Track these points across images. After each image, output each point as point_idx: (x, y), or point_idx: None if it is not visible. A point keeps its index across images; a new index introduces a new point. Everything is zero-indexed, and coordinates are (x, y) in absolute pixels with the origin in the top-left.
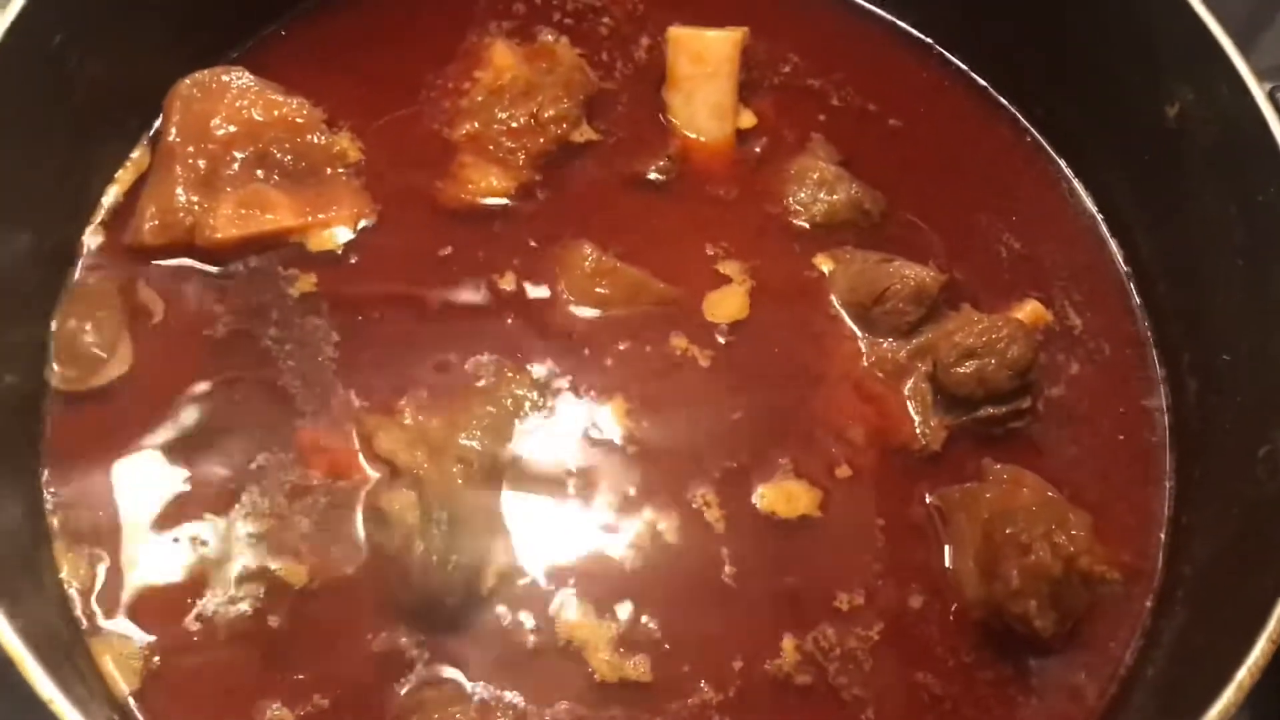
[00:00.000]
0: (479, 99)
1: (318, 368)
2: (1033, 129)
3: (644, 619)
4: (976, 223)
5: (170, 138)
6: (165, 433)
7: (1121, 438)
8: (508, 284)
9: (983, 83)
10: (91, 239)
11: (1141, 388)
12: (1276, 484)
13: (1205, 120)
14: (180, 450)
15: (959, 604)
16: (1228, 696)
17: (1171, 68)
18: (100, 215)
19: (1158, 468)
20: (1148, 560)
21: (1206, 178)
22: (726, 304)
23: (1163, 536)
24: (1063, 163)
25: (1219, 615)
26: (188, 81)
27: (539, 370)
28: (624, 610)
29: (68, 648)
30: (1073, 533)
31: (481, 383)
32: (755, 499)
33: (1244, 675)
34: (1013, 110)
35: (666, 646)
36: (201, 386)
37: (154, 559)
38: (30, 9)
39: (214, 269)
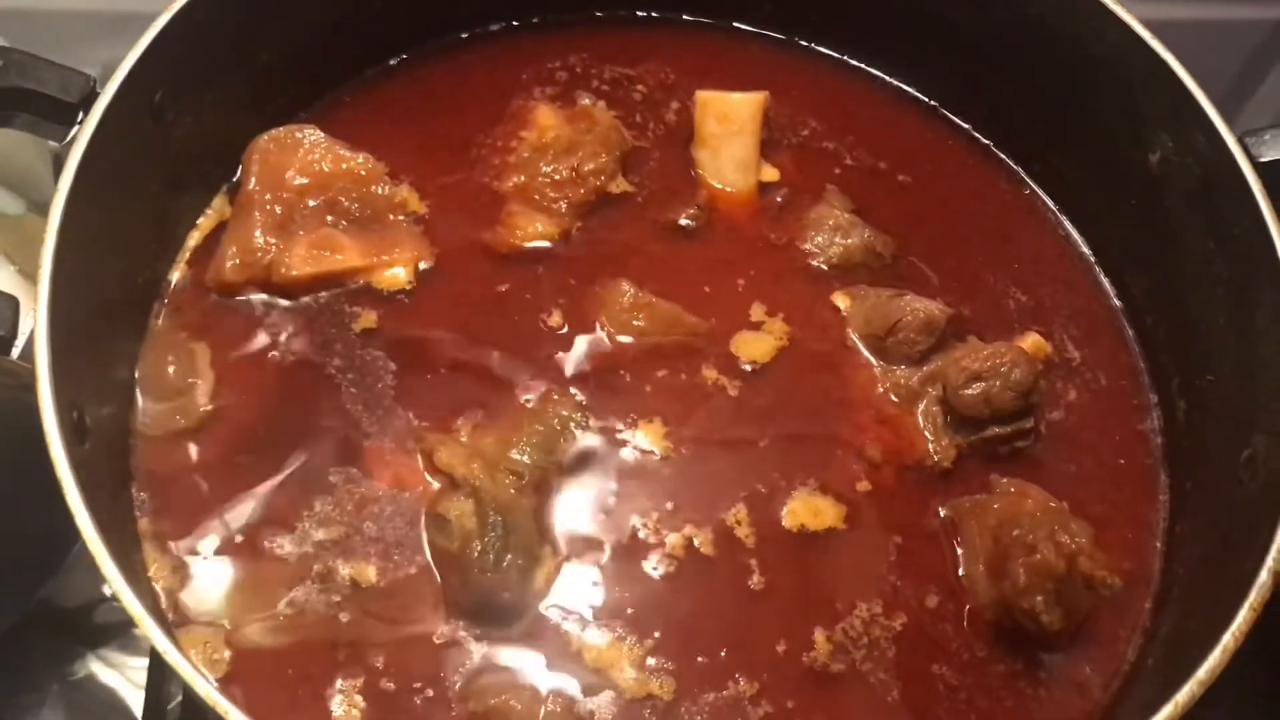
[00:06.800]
0: (525, 155)
1: (378, 394)
2: (1030, 181)
3: (679, 624)
4: (980, 267)
5: (250, 186)
6: (241, 450)
7: (1122, 461)
8: (554, 319)
9: (985, 140)
10: (177, 276)
11: (1136, 413)
12: (1257, 483)
13: (1183, 165)
14: (255, 466)
15: (972, 606)
16: (1214, 658)
17: (1151, 120)
18: (185, 256)
19: (1153, 485)
20: (1146, 567)
21: (1187, 217)
22: (755, 346)
23: (1159, 545)
24: (1058, 211)
25: (1210, 602)
26: (265, 137)
27: (583, 394)
28: (661, 612)
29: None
30: (1075, 534)
31: (531, 405)
32: (784, 514)
33: (1229, 639)
34: (1012, 165)
35: (703, 646)
36: (273, 409)
37: (233, 562)
38: (139, 67)
39: (287, 303)
